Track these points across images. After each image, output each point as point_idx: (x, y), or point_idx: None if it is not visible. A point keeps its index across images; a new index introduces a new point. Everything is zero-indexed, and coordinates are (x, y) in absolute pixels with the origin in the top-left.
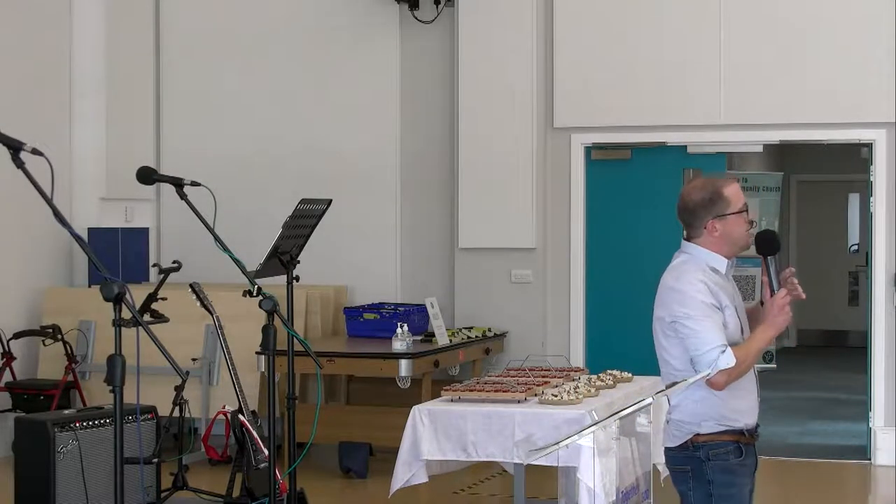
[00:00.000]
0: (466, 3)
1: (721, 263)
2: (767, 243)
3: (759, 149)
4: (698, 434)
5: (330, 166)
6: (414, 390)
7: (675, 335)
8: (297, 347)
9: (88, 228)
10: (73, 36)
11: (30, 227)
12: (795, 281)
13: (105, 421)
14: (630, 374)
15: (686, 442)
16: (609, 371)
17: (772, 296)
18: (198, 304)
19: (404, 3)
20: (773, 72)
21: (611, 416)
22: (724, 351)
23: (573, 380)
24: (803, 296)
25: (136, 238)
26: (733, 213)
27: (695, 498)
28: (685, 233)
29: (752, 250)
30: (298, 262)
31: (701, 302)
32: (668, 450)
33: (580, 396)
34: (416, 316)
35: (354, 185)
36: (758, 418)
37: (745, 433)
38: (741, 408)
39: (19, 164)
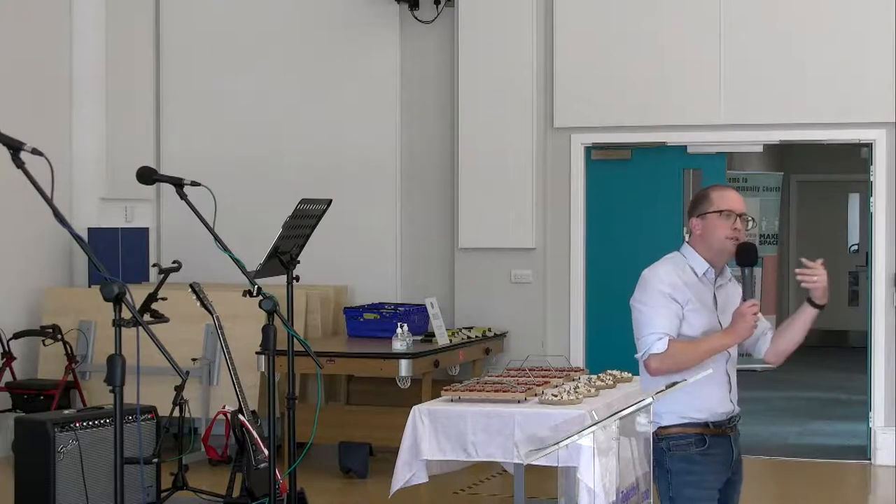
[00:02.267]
0: (466, 3)
1: (700, 266)
2: (744, 255)
3: (759, 149)
4: (661, 426)
5: (330, 166)
6: (414, 390)
7: (633, 319)
8: (297, 347)
9: (88, 228)
10: (73, 36)
11: (30, 227)
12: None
13: (105, 421)
14: (630, 374)
15: (652, 434)
16: (609, 371)
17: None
18: (198, 304)
19: (404, 3)
20: (773, 72)
21: (611, 416)
22: (660, 339)
23: (573, 380)
24: (816, 282)
25: (136, 238)
26: (712, 212)
27: (660, 487)
28: None
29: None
30: (298, 262)
31: (657, 290)
32: None
33: (580, 396)
34: (416, 316)
35: (354, 185)
36: (731, 412)
37: (709, 425)
38: (703, 402)
39: (19, 164)
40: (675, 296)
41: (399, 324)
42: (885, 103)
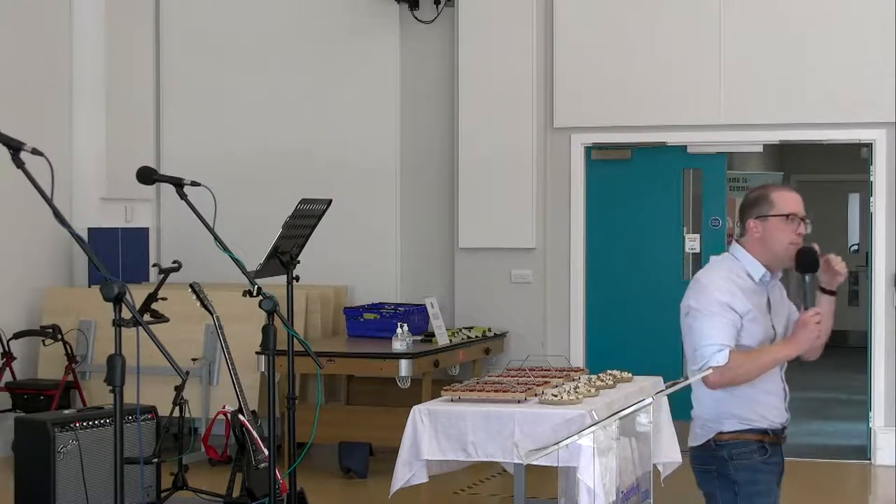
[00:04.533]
0: (466, 3)
1: (757, 271)
2: (805, 261)
3: (759, 149)
4: (721, 432)
5: (330, 166)
6: (414, 390)
7: (687, 326)
8: (297, 347)
9: (88, 228)
10: (73, 36)
11: (30, 227)
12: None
13: (105, 421)
14: (630, 374)
15: (709, 441)
16: (609, 371)
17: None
18: (198, 304)
19: (404, 3)
20: (773, 72)
21: (611, 416)
22: (720, 350)
23: (573, 380)
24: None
25: (136, 238)
26: (774, 216)
27: (722, 500)
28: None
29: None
30: (298, 262)
31: (715, 299)
32: (692, 449)
33: (580, 396)
34: (416, 316)
35: (354, 185)
36: (785, 421)
37: (769, 433)
38: (764, 409)
39: (19, 164)
40: (734, 305)
41: (399, 324)
42: (885, 103)
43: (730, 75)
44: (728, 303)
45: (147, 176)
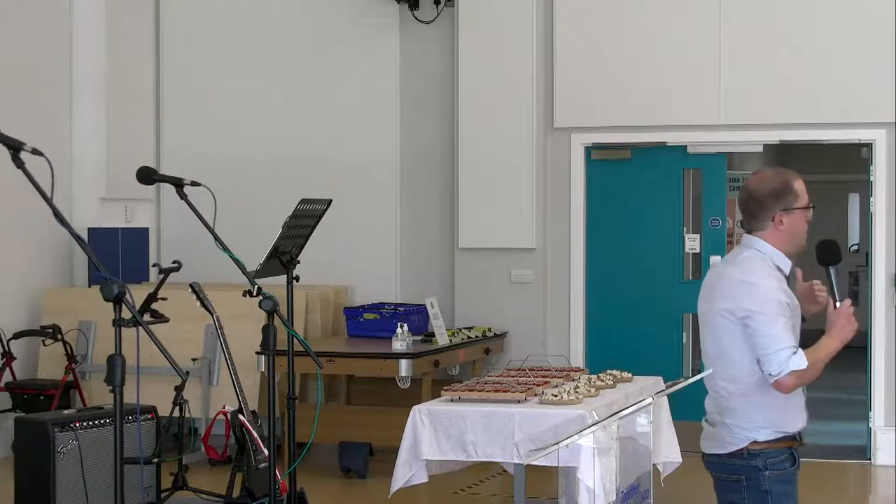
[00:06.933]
0: (466, 3)
1: (786, 263)
2: (829, 253)
3: (759, 149)
4: (756, 441)
5: (330, 166)
6: (414, 390)
7: (740, 331)
8: (297, 347)
9: (88, 228)
10: (73, 36)
11: (30, 227)
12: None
13: (105, 421)
14: (630, 374)
15: (741, 449)
16: (609, 371)
17: (836, 307)
18: (198, 304)
19: (404, 3)
20: (773, 72)
21: (611, 416)
22: (795, 352)
23: (573, 380)
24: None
25: (136, 238)
26: (800, 208)
27: None
28: (746, 225)
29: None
30: (298, 262)
31: (774, 299)
32: (716, 456)
33: (580, 396)
34: (416, 316)
35: (354, 185)
36: (806, 421)
37: (796, 438)
38: (794, 412)
39: (19, 165)
40: (789, 302)
41: (399, 324)
42: (885, 103)
43: (730, 75)
44: (786, 301)
45: (147, 176)
